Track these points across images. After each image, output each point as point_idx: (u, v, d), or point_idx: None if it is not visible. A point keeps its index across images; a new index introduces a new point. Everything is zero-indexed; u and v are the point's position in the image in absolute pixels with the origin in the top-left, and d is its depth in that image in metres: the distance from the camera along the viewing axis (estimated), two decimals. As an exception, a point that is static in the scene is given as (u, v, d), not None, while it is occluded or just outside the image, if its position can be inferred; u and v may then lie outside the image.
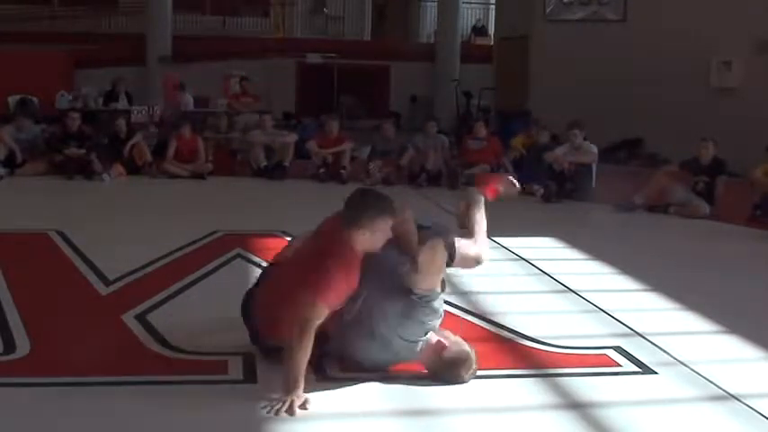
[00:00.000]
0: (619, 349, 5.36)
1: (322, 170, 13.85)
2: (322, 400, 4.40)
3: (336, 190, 12.94)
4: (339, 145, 14.22)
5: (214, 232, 8.78)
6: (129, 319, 5.74)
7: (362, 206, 4.66)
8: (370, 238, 4.63)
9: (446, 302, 6.33)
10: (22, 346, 5.25)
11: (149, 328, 5.55)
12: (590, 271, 7.88)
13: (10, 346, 5.23)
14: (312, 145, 14.33)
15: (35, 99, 19.89)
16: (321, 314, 4.43)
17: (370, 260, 4.71)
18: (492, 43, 24.53)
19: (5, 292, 6.41)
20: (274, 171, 13.91)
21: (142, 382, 4.72)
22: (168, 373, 4.83)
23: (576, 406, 4.47)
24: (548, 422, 4.30)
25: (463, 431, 4.22)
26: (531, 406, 4.48)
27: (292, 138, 14.85)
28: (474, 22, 30.29)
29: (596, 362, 5.19)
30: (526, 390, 4.71)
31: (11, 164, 13.70)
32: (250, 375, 4.76)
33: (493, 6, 27.35)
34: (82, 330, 5.57)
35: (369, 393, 4.58)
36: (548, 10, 19.48)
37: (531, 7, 19.68)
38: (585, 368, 5.06)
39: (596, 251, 8.51)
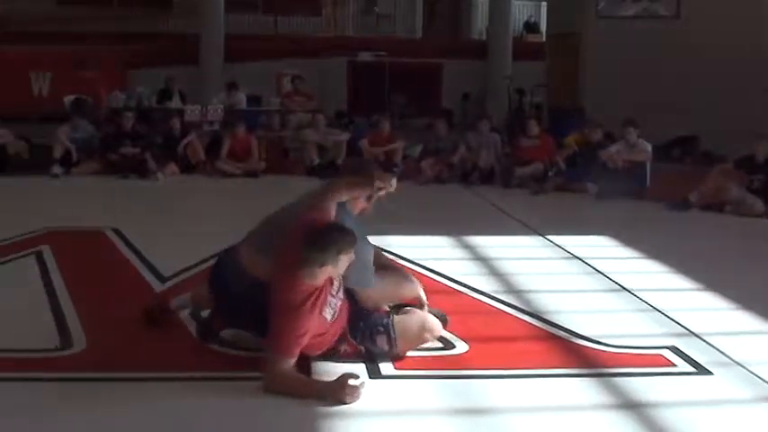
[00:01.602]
0: (674, 349, 5.32)
1: (374, 168, 13.86)
2: (374, 399, 4.43)
3: (389, 188, 12.95)
4: (391, 143, 14.26)
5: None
6: (183, 315, 5.79)
7: (321, 244, 4.54)
8: (333, 269, 4.62)
9: (500, 301, 6.39)
10: (79, 341, 5.33)
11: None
12: (644, 270, 7.81)
13: (67, 342, 5.31)
14: (364, 143, 14.39)
15: (90, 98, 20.10)
16: (284, 363, 4.49)
17: None
18: (544, 40, 24.42)
19: (63, 289, 6.51)
20: (327, 169, 13.97)
21: (197, 378, 4.78)
22: (222, 369, 4.86)
23: (631, 406, 4.45)
24: (602, 422, 4.28)
25: (516, 430, 4.22)
26: (584, 406, 4.46)
27: (344, 136, 14.93)
28: (526, 19, 30.17)
29: (651, 362, 5.15)
30: (580, 389, 4.68)
31: (67, 163, 13.89)
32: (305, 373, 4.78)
33: (544, 3, 27.22)
34: (137, 327, 5.62)
35: (421, 391, 4.60)
36: (599, 6, 19.35)
37: (583, 4, 19.56)
38: (640, 368, 5.01)
39: (650, 250, 8.44)
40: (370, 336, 4.90)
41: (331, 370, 4.73)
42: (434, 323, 5.19)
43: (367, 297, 5.06)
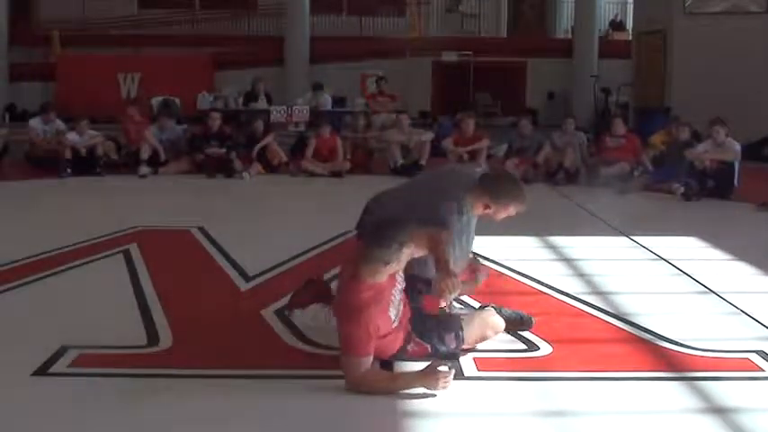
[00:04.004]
0: (762, 353, 5.21)
1: (458, 168, 13.86)
2: (457, 400, 4.43)
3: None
4: (475, 143, 14.24)
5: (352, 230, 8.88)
6: (268, 314, 5.86)
7: (381, 241, 4.50)
8: (397, 265, 4.59)
9: (585, 303, 6.33)
10: (165, 338, 5.42)
11: (288, 324, 5.64)
12: (732, 272, 7.66)
13: (153, 339, 5.40)
14: (448, 143, 14.40)
15: (177, 100, 20.44)
16: (362, 363, 4.49)
17: None
18: (630, 38, 24.17)
19: (150, 287, 6.63)
20: (411, 170, 13.99)
21: (280, 376, 4.84)
22: (306, 368, 4.89)
23: (716, 411, 4.37)
24: (687, 426, 4.22)
25: (600, 433, 4.19)
26: (669, 409, 4.40)
27: (428, 136, 14.96)
28: (611, 17, 29.87)
29: (738, 366, 5.06)
30: (665, 393, 4.63)
31: (154, 163, 14.13)
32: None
33: (630, 0, 26.96)
34: (222, 324, 5.71)
35: (504, 393, 4.58)
36: (687, 3, 19.11)
37: (670, 0, 19.33)
38: (726, 372, 4.93)
39: (739, 252, 8.29)
40: (438, 334, 4.92)
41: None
42: (497, 322, 5.25)
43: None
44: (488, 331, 5.15)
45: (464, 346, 5.01)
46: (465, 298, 5.97)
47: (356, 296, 4.51)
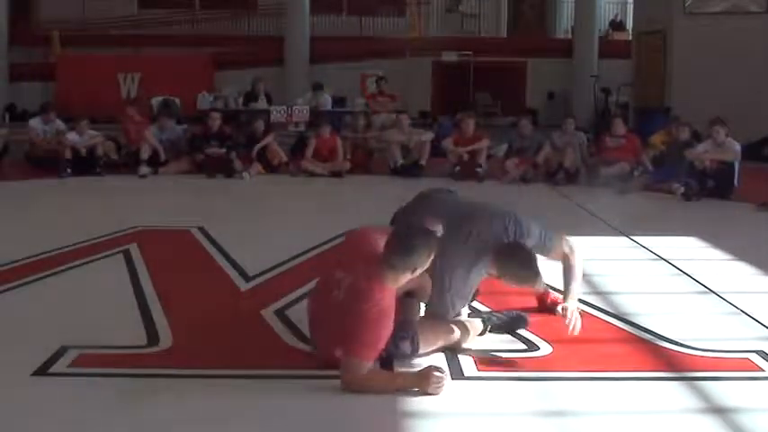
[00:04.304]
0: (762, 353, 5.20)
1: (458, 168, 13.86)
2: (457, 400, 4.43)
3: (473, 188, 12.93)
4: (475, 143, 14.22)
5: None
6: (268, 314, 5.86)
7: (412, 249, 4.49)
8: (419, 270, 4.59)
9: (584, 302, 6.32)
10: (165, 338, 5.41)
11: (288, 324, 5.64)
12: (732, 272, 7.67)
13: (153, 339, 5.40)
14: (448, 143, 14.38)
15: (177, 100, 20.44)
16: (366, 366, 4.46)
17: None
18: (630, 38, 24.17)
19: (150, 287, 6.62)
20: (411, 170, 13.99)
21: (279, 376, 4.83)
22: (304, 368, 4.87)
23: (716, 411, 4.37)
24: (687, 426, 4.22)
25: (600, 433, 4.19)
26: (669, 409, 4.40)
27: (428, 136, 14.94)
28: (611, 17, 29.87)
29: (738, 366, 5.05)
30: (665, 393, 4.62)
31: (154, 163, 14.13)
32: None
33: (630, 0, 26.97)
34: (222, 324, 5.71)
35: (504, 393, 4.58)
36: (687, 3, 19.10)
37: (670, 0, 19.33)
38: (726, 372, 4.92)
39: (739, 252, 8.28)
40: (393, 339, 4.88)
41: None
42: (455, 335, 5.16)
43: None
44: (439, 342, 5.07)
45: (420, 352, 4.95)
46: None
47: (379, 302, 4.45)
